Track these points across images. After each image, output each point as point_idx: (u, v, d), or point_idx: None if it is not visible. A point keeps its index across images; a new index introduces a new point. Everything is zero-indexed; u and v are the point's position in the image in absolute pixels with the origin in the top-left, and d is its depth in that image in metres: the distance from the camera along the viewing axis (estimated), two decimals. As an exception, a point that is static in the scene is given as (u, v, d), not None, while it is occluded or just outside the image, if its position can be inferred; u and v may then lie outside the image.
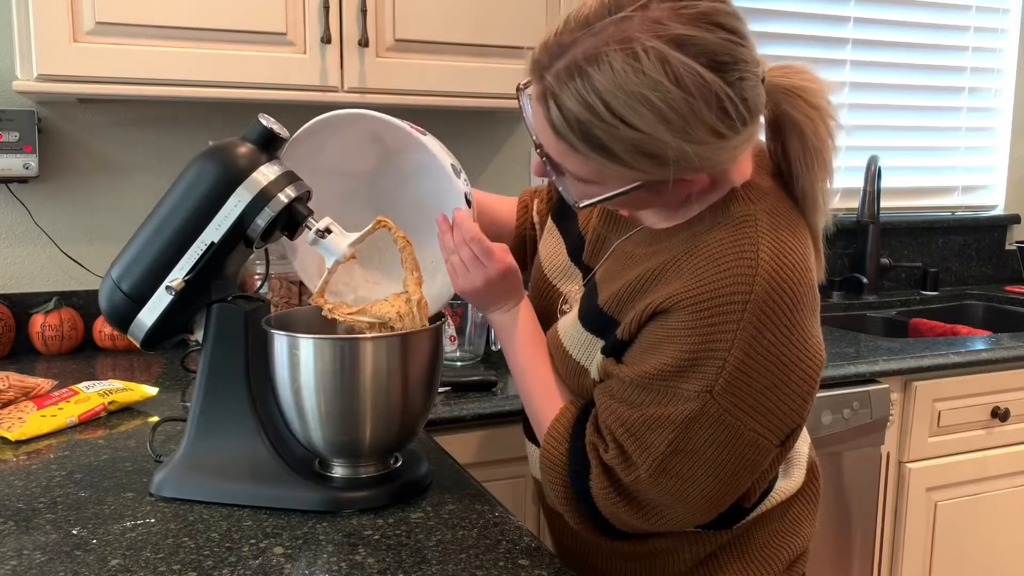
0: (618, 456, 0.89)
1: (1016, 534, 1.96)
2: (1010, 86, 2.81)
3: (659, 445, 0.85)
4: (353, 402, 0.98)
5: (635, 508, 0.90)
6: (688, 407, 0.84)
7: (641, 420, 0.87)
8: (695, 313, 0.83)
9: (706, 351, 0.83)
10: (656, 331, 0.87)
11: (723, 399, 0.83)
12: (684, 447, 0.85)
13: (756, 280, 0.82)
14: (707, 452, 0.84)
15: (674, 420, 0.85)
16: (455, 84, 1.71)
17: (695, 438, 0.84)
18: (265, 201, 0.98)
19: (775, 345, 0.83)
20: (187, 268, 0.99)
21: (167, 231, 0.99)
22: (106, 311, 1.02)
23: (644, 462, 0.86)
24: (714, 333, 0.82)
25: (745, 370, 0.82)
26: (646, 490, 0.88)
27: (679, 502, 0.87)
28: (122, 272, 1.01)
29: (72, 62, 1.47)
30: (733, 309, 0.82)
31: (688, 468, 0.86)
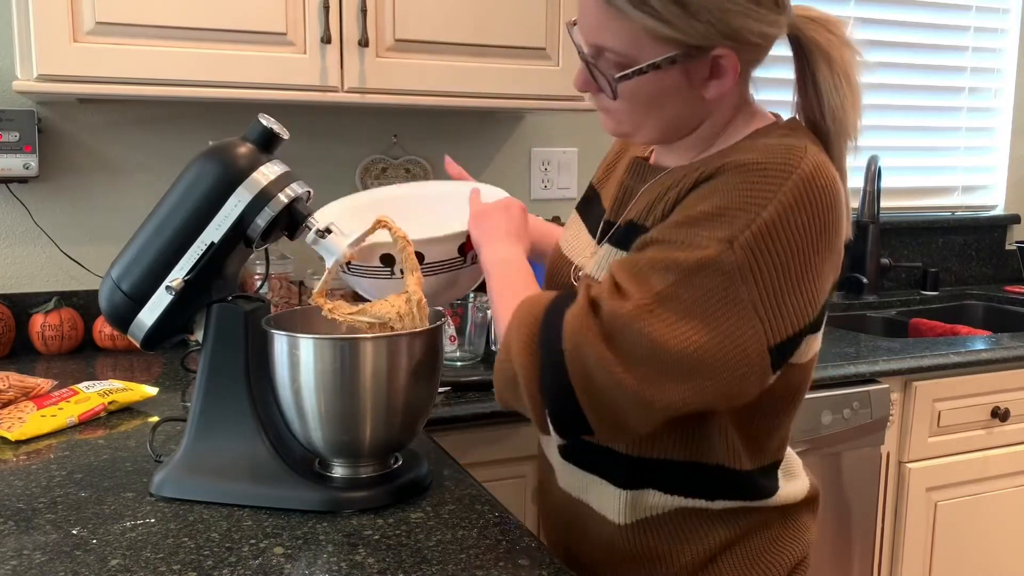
0: (610, 289, 0.83)
1: (1016, 534, 1.96)
2: (1010, 86, 2.81)
3: (657, 284, 0.81)
4: (353, 402, 0.98)
5: (604, 345, 0.81)
6: (702, 252, 0.80)
7: (648, 262, 0.83)
8: (739, 174, 0.83)
9: (741, 205, 0.81)
10: (692, 196, 0.86)
11: (740, 254, 0.80)
12: (681, 294, 0.80)
13: (804, 161, 0.83)
14: (701, 306, 0.80)
15: (682, 264, 0.81)
16: (455, 84, 1.71)
17: (696, 287, 0.80)
18: (265, 201, 0.98)
19: (804, 229, 0.82)
20: (187, 268, 0.99)
21: (167, 231, 0.99)
22: (106, 311, 1.02)
23: (635, 295, 0.81)
24: (753, 191, 0.82)
25: (772, 233, 0.80)
26: (623, 328, 0.80)
27: (651, 357, 0.80)
28: (122, 272, 1.01)
29: (72, 62, 1.47)
30: (778, 175, 0.82)
31: (675, 318, 0.80)
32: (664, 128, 0.94)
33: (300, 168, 1.97)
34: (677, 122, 0.93)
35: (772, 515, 1.00)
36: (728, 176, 0.85)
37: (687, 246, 0.82)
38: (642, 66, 0.86)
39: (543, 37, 1.78)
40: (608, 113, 0.95)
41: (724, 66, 0.87)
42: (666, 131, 0.94)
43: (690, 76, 0.88)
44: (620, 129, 0.96)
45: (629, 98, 0.90)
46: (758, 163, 0.83)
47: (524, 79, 1.77)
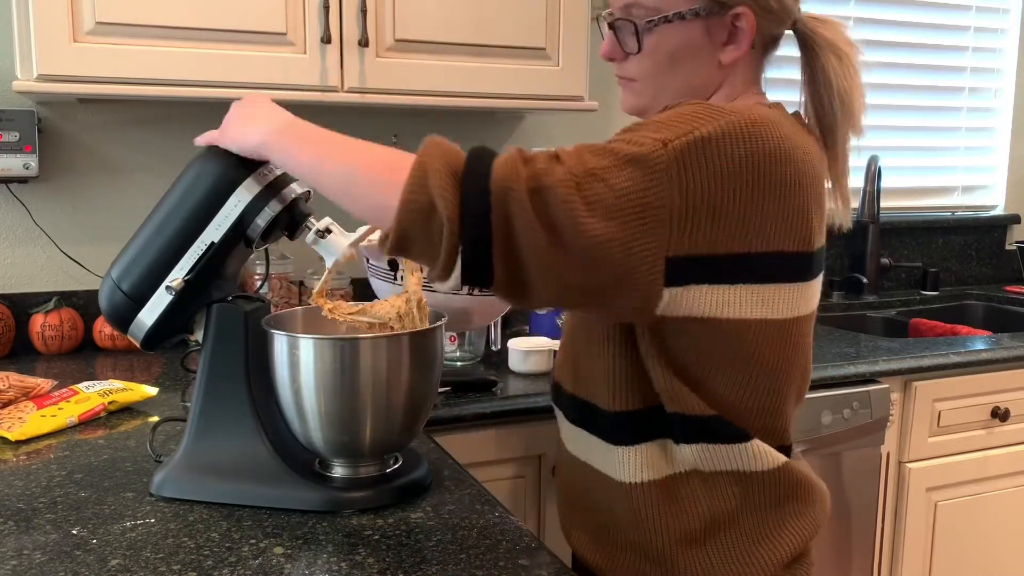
0: (547, 154, 0.83)
1: (1016, 534, 1.96)
2: (1010, 86, 2.81)
3: (590, 163, 0.82)
4: (353, 402, 0.98)
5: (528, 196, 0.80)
6: (637, 148, 0.82)
7: (588, 147, 0.84)
8: (692, 105, 0.87)
9: (682, 121, 0.84)
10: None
11: (670, 155, 0.82)
12: (608, 178, 0.81)
13: (752, 111, 0.86)
14: (621, 199, 0.81)
15: (617, 152, 0.82)
16: (455, 84, 1.71)
17: (623, 177, 0.81)
18: (265, 201, 0.98)
19: (740, 162, 0.84)
20: (187, 268, 0.99)
21: (167, 231, 0.99)
22: (106, 311, 1.02)
23: (568, 164, 0.81)
24: (698, 114, 0.85)
25: (705, 148, 0.82)
26: (550, 188, 0.80)
27: (565, 228, 0.80)
28: (122, 272, 1.01)
29: (72, 62, 1.47)
30: (724, 111, 0.85)
31: (595, 202, 0.80)
32: (680, 94, 0.98)
33: (300, 168, 1.97)
34: (692, 86, 0.98)
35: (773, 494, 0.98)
36: (676, 108, 0.89)
37: (626, 141, 0.84)
38: (668, 14, 0.94)
39: (543, 37, 1.78)
40: (629, 85, 1.02)
41: (742, 27, 0.95)
42: (681, 98, 0.97)
43: (711, 34, 0.95)
44: (639, 101, 1.02)
45: (652, 51, 0.97)
46: (712, 104, 0.88)
47: (524, 79, 1.77)
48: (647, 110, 1.02)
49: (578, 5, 1.79)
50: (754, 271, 0.88)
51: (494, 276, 0.82)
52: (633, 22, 0.96)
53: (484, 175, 0.80)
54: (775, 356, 0.94)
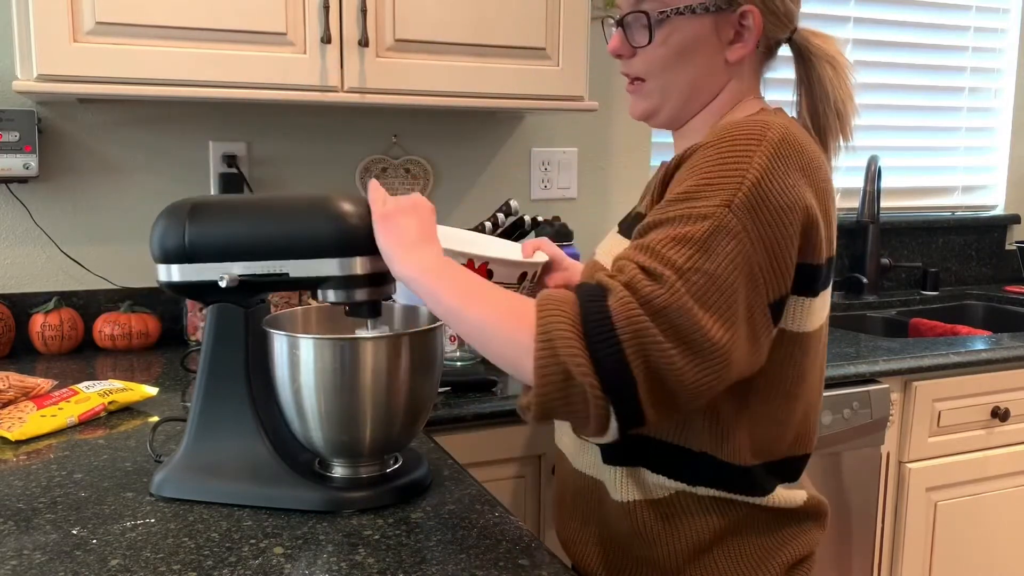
0: (639, 273, 0.83)
1: (1016, 534, 1.96)
2: (1010, 86, 2.81)
3: (679, 259, 0.82)
4: (353, 402, 0.98)
5: (657, 328, 0.80)
6: (708, 223, 0.83)
7: (660, 242, 0.84)
8: (712, 149, 0.89)
9: (724, 174, 0.86)
10: (677, 177, 0.91)
11: (740, 214, 0.84)
12: (703, 266, 0.82)
13: (771, 129, 0.89)
14: (723, 279, 0.82)
15: (694, 237, 0.83)
16: (455, 84, 1.71)
17: (714, 254, 0.82)
18: (349, 283, 0.97)
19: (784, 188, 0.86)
20: (250, 272, 0.98)
21: (265, 232, 0.97)
22: (158, 239, 0.99)
23: (665, 273, 0.82)
24: (731, 160, 0.87)
25: (761, 191, 0.85)
26: (666, 308, 0.80)
27: (694, 337, 0.80)
28: (203, 215, 0.98)
29: (72, 62, 1.47)
30: (749, 143, 0.87)
31: (703, 293, 0.81)
32: (687, 92, 1.01)
33: (300, 168, 1.98)
34: (699, 85, 1.00)
35: (769, 515, 0.99)
36: (703, 152, 0.89)
37: (691, 219, 0.85)
38: (679, 7, 0.96)
39: (543, 37, 1.78)
40: (638, 88, 1.03)
41: (748, 26, 0.97)
42: (689, 96, 1.01)
43: (719, 31, 0.98)
44: (649, 103, 1.03)
45: (662, 43, 0.98)
46: (729, 135, 0.89)
47: (524, 79, 1.77)
48: (656, 112, 1.04)
49: (578, 5, 1.79)
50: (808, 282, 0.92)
51: (646, 416, 0.82)
52: (646, 13, 0.98)
53: (608, 331, 0.79)
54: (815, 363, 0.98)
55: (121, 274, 1.87)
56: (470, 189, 2.12)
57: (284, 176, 1.97)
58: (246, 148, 1.92)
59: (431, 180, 2.08)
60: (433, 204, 1.09)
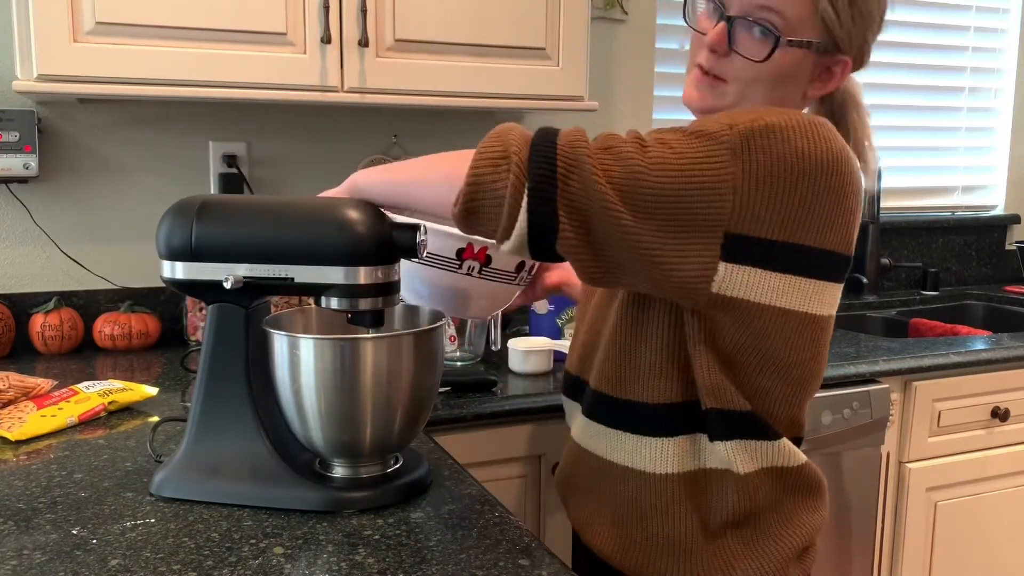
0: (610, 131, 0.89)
1: (1016, 534, 1.96)
2: (1010, 86, 2.81)
3: (655, 133, 0.88)
4: (353, 402, 0.98)
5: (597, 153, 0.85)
6: (702, 127, 0.87)
7: (656, 128, 0.90)
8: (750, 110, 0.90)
9: (747, 111, 0.89)
10: None
11: (736, 135, 0.85)
12: (675, 145, 0.86)
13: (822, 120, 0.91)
14: (687, 157, 0.85)
15: (684, 129, 0.87)
16: (455, 84, 1.71)
17: (690, 145, 0.85)
18: (354, 292, 0.97)
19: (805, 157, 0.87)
20: (255, 275, 0.98)
21: (272, 236, 0.97)
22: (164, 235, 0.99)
23: (632, 134, 0.87)
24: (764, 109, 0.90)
25: (770, 135, 0.86)
26: (615, 146, 0.86)
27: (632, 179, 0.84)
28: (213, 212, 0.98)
29: (72, 62, 1.47)
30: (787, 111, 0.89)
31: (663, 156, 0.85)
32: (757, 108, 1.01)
33: (300, 168, 1.98)
34: (770, 105, 0.99)
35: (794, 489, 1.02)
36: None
37: (694, 124, 0.88)
38: (801, 39, 0.95)
39: (543, 37, 1.78)
40: (714, 84, 0.99)
41: (836, 72, 0.99)
42: None
43: (814, 68, 0.99)
44: (718, 103, 1.00)
45: (768, 64, 0.96)
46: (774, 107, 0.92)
47: (524, 79, 1.77)
48: (714, 111, 1.00)
49: (578, 5, 1.79)
50: (806, 264, 0.91)
51: (559, 231, 0.85)
52: (771, 30, 0.95)
53: (553, 133, 0.86)
54: (809, 350, 0.97)
55: (121, 274, 1.87)
56: (470, 189, 2.12)
57: (284, 176, 1.97)
58: (246, 148, 1.92)
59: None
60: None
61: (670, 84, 2.33)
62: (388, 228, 0.98)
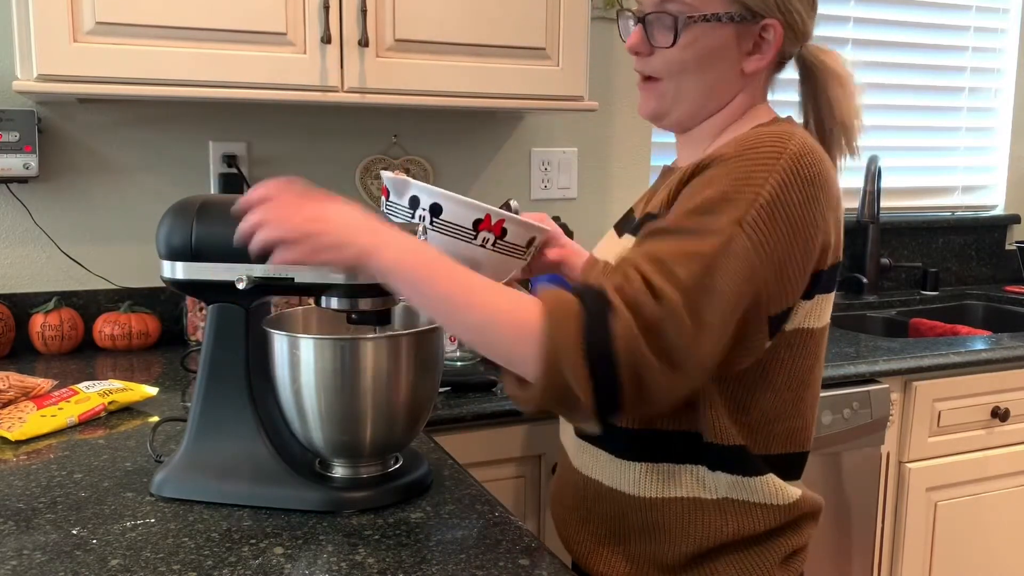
0: (644, 289, 0.84)
1: (1016, 534, 1.96)
2: (1010, 86, 2.81)
3: (685, 277, 0.84)
4: (353, 402, 0.98)
5: (658, 346, 0.83)
6: (718, 240, 0.85)
7: (670, 255, 0.85)
8: (735, 161, 0.90)
9: (740, 188, 0.88)
10: (693, 185, 0.92)
11: (750, 232, 0.86)
12: (708, 284, 0.84)
13: (791, 142, 0.90)
14: (726, 297, 0.85)
15: (703, 252, 0.85)
16: (455, 84, 1.71)
17: (721, 271, 0.85)
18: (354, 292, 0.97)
19: (800, 204, 0.88)
20: (268, 274, 0.97)
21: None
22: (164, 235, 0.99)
23: (667, 292, 0.83)
24: (750, 173, 0.88)
25: (775, 208, 0.87)
26: (670, 325, 0.83)
27: (694, 344, 0.84)
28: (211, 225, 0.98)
29: (72, 62, 1.47)
30: (770, 156, 0.89)
31: (710, 305, 0.84)
32: (700, 98, 1.01)
33: (300, 168, 1.98)
34: (712, 92, 1.01)
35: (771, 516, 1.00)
36: (725, 164, 0.91)
37: (703, 234, 0.86)
38: (706, 13, 0.96)
39: (543, 37, 1.78)
40: (651, 87, 1.02)
41: (768, 39, 0.98)
42: (701, 102, 1.02)
43: (739, 41, 0.98)
44: (660, 104, 1.03)
45: (684, 47, 0.98)
46: (750, 148, 0.90)
47: (524, 79, 1.77)
48: (666, 114, 1.04)
49: (578, 5, 1.79)
50: (815, 285, 0.95)
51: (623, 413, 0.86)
52: (673, 16, 0.97)
53: (609, 351, 0.82)
54: (809, 362, 0.99)
55: (121, 274, 1.87)
56: (470, 189, 2.12)
57: (284, 176, 1.96)
58: (246, 148, 1.92)
59: (431, 180, 2.08)
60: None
61: (670, 84, 2.33)
62: None
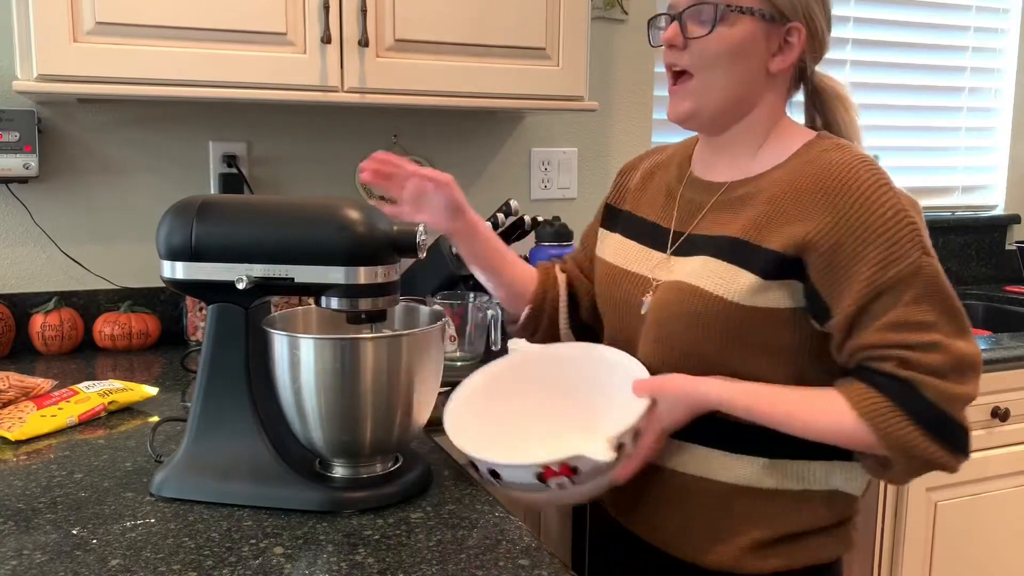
0: (922, 354, 0.93)
1: (1016, 534, 1.96)
2: (1010, 86, 2.81)
3: (931, 317, 0.94)
4: (353, 402, 0.98)
5: (954, 381, 0.94)
6: (922, 275, 0.94)
7: (907, 312, 0.94)
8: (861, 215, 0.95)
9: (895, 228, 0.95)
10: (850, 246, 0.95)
11: (927, 246, 0.95)
12: (944, 306, 0.95)
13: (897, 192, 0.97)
14: (950, 294, 0.96)
15: (923, 292, 0.94)
16: (455, 84, 1.71)
17: (941, 290, 0.95)
18: (353, 292, 0.97)
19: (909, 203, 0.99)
20: (255, 274, 0.98)
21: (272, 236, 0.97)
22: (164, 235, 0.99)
23: (933, 337, 0.94)
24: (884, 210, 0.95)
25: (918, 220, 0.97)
26: (954, 364, 0.94)
27: (971, 366, 0.95)
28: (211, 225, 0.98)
29: (72, 62, 1.47)
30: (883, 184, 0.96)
31: (955, 318, 0.95)
32: (729, 95, 1.04)
33: (300, 168, 1.98)
34: (740, 89, 1.04)
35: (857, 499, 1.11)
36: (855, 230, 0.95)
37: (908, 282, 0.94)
38: (742, 5, 1.01)
39: (543, 37, 1.78)
40: (682, 86, 1.05)
41: (792, 42, 1.03)
42: (729, 100, 1.04)
43: (767, 39, 1.03)
44: (691, 104, 1.05)
45: (719, 37, 1.01)
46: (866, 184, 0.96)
47: (524, 79, 1.77)
48: (697, 113, 1.06)
49: (578, 5, 1.79)
50: None
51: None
52: (713, 4, 1.01)
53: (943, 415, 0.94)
54: None
55: (121, 274, 1.87)
56: (470, 189, 2.12)
57: (284, 176, 1.97)
58: (246, 148, 1.92)
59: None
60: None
61: (670, 84, 2.33)
62: (388, 228, 0.99)
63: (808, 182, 0.98)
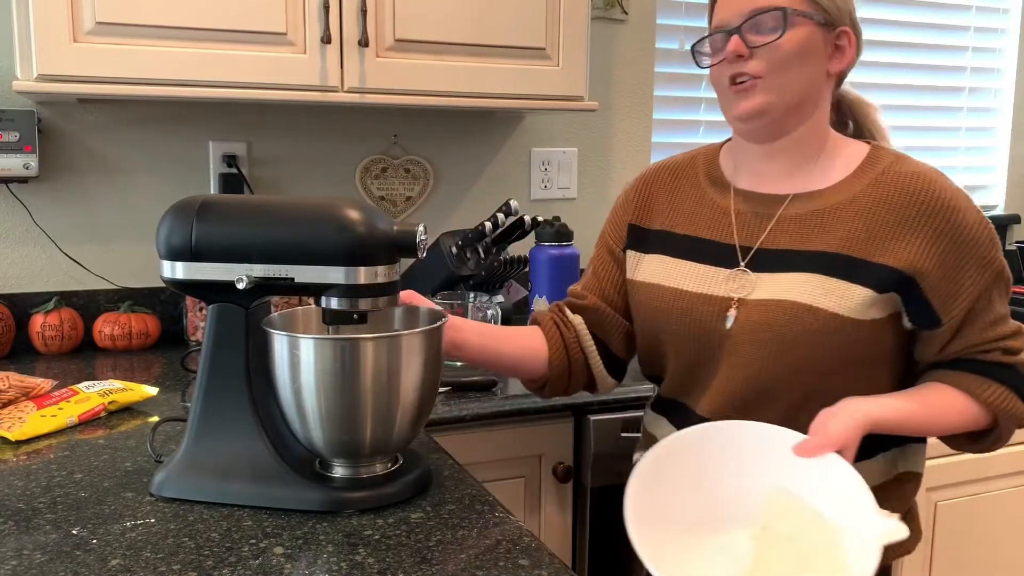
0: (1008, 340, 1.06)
1: (1016, 534, 1.96)
2: (1010, 86, 2.81)
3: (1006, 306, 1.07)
4: (353, 402, 0.98)
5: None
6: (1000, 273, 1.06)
7: (1005, 310, 1.07)
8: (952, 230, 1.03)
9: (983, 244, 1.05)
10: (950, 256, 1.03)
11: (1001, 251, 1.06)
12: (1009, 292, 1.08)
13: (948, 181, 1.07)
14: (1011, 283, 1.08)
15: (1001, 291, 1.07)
16: (455, 84, 1.71)
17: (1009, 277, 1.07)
18: (353, 292, 0.97)
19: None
20: (255, 274, 0.97)
21: (272, 236, 0.97)
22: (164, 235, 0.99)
23: (1010, 321, 1.07)
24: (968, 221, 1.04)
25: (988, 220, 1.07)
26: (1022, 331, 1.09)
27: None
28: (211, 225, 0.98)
29: (72, 62, 1.47)
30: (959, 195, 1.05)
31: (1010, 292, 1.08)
32: (799, 94, 1.06)
33: (300, 168, 1.98)
34: (807, 89, 1.07)
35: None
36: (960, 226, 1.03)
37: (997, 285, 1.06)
38: (806, 11, 1.05)
39: (543, 37, 1.78)
40: (752, 85, 1.05)
41: (844, 46, 1.08)
42: (799, 100, 1.06)
43: (824, 44, 1.07)
44: (763, 99, 1.05)
45: (789, 39, 1.04)
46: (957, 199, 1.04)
47: (524, 79, 1.77)
48: (769, 109, 1.06)
49: (578, 5, 1.79)
50: None
51: None
52: (782, 8, 1.04)
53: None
54: None
55: (121, 274, 1.87)
56: (470, 189, 2.12)
57: (284, 176, 1.97)
58: (246, 148, 1.92)
59: (431, 180, 2.08)
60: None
61: (670, 84, 2.33)
62: (388, 228, 0.99)
63: (902, 198, 1.03)
